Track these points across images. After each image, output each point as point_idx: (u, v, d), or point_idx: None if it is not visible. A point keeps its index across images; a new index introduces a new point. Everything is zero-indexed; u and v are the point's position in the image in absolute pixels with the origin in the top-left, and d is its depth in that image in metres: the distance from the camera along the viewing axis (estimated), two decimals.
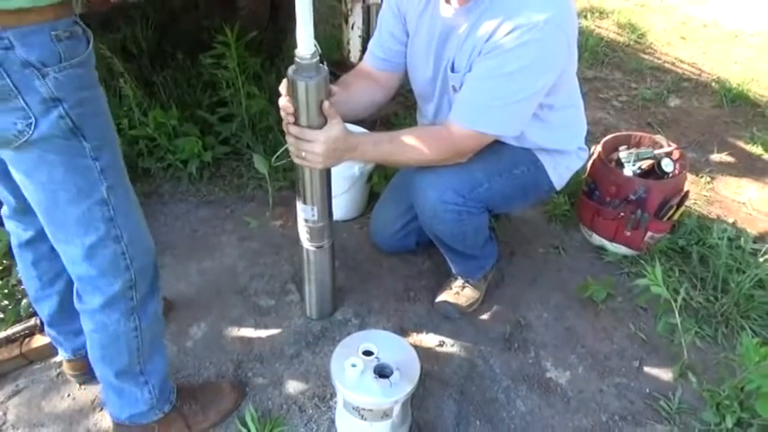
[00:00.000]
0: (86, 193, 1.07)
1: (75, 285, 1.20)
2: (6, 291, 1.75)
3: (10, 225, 1.34)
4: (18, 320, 1.70)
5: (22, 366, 1.63)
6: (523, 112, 1.39)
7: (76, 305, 1.23)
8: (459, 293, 1.78)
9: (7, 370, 1.62)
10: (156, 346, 1.33)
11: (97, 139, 1.05)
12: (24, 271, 1.40)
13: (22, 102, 0.94)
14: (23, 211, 1.23)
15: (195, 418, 1.44)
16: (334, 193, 1.54)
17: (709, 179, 2.47)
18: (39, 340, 1.65)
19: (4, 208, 1.31)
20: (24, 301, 1.74)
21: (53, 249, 1.19)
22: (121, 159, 1.15)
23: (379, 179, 2.14)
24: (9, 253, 1.71)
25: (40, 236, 1.24)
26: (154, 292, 1.28)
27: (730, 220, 2.24)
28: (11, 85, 0.92)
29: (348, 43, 2.41)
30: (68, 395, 1.57)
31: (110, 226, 1.12)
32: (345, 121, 1.36)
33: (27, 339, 1.65)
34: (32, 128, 0.97)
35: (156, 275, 1.28)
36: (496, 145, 1.48)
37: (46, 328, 1.50)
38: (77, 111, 1.00)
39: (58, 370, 1.62)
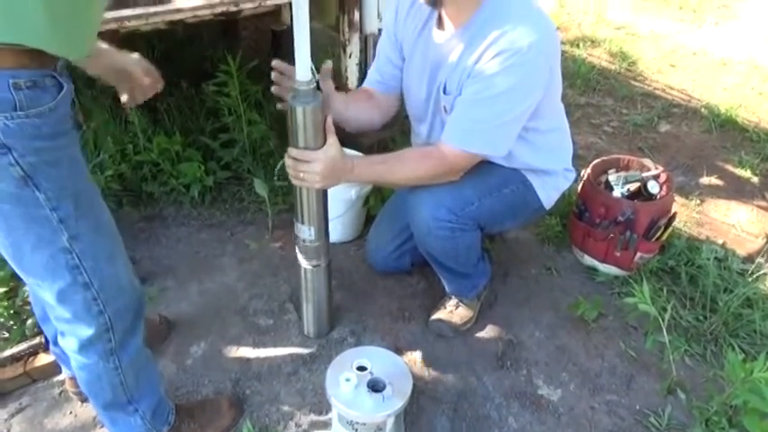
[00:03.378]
0: (47, 240, 1.06)
1: (57, 326, 1.21)
2: (12, 311, 1.80)
3: None
4: (23, 339, 1.74)
5: (25, 385, 1.67)
6: (509, 132, 1.46)
7: (60, 342, 1.24)
8: (452, 312, 1.83)
9: (11, 388, 1.66)
10: (142, 376, 1.32)
11: (53, 189, 1.02)
12: (31, 291, 1.45)
13: None
14: None
15: None
16: (330, 216, 1.60)
17: (698, 201, 2.52)
18: (42, 359, 1.69)
19: None
20: (30, 320, 1.78)
21: None
22: (92, 205, 1.13)
23: (376, 202, 2.20)
24: (15, 275, 1.78)
25: None
26: (135, 330, 1.26)
27: (719, 242, 2.29)
28: None
29: (346, 71, 2.49)
30: (70, 413, 1.60)
31: (75, 273, 1.10)
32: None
33: (31, 358, 1.70)
34: None
35: (138, 314, 1.26)
36: (487, 165, 1.55)
37: (51, 346, 1.54)
38: (29, 159, 0.97)
39: (61, 388, 1.66)
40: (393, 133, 2.71)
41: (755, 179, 2.68)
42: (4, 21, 0.88)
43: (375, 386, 1.35)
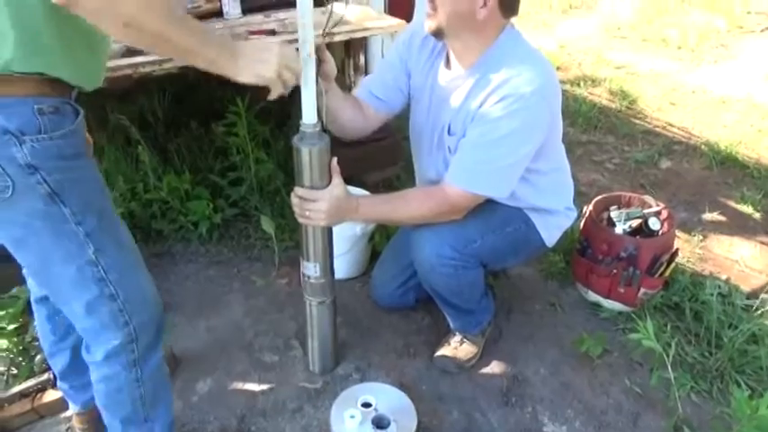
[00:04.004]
0: (74, 254, 1.12)
1: (83, 338, 1.27)
2: (22, 347, 1.82)
3: (29, 281, 1.43)
4: (31, 376, 1.76)
5: (33, 421, 1.69)
6: (512, 174, 1.50)
7: (84, 356, 1.29)
8: (457, 348, 1.84)
9: (19, 424, 1.68)
10: (159, 394, 1.37)
11: (79, 205, 1.10)
12: (40, 326, 1.48)
13: None
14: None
15: None
16: (336, 253, 1.63)
17: (701, 237, 2.54)
18: (50, 395, 1.71)
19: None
20: (38, 357, 1.80)
21: None
22: (114, 222, 1.20)
23: (381, 239, 2.23)
24: (27, 311, 1.81)
25: None
26: (157, 344, 1.32)
27: (723, 277, 2.29)
28: None
29: None
30: None
31: (102, 285, 1.16)
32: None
33: (39, 394, 1.71)
34: (10, 190, 1.03)
35: (160, 328, 1.31)
36: (490, 204, 1.58)
37: (58, 381, 1.56)
38: (55, 177, 1.06)
39: (68, 425, 1.67)
40: (397, 171, 2.77)
41: (758, 215, 2.70)
42: (25, 53, 0.98)
43: (380, 423, 1.36)
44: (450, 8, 1.39)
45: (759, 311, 2.04)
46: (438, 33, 1.46)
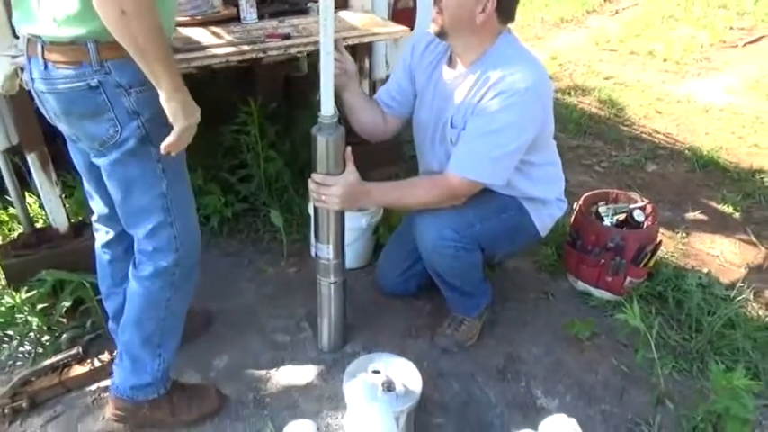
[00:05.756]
0: (151, 185, 1.38)
1: (135, 257, 1.50)
2: (48, 326, 1.94)
3: (97, 228, 1.67)
4: (57, 353, 1.87)
5: (60, 394, 1.79)
6: (508, 164, 1.65)
7: (131, 272, 1.52)
8: (457, 330, 1.97)
9: (47, 397, 1.79)
10: (175, 326, 1.60)
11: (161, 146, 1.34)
12: (101, 270, 1.72)
13: (112, 113, 1.28)
14: (108, 217, 1.56)
15: (180, 408, 1.66)
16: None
17: (684, 235, 2.70)
18: (76, 370, 1.82)
19: (95, 215, 1.64)
20: (64, 335, 1.93)
21: (126, 252, 1.54)
22: (183, 164, 1.45)
23: (385, 231, 2.37)
24: (55, 290, 1.93)
25: (118, 239, 1.58)
26: (190, 276, 1.56)
27: (704, 270, 2.45)
28: (106, 99, 1.26)
29: None
30: (102, 418, 1.72)
31: (166, 214, 1.42)
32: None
33: (66, 369, 1.83)
34: (119, 134, 1.29)
35: (195, 264, 1.55)
36: (488, 193, 1.73)
37: (109, 321, 1.79)
38: (150, 123, 1.31)
39: (93, 397, 1.79)
40: (398, 170, 2.91)
41: (737, 215, 2.87)
42: None
43: (389, 386, 1.48)
44: (452, 12, 1.57)
45: (736, 299, 2.19)
46: (442, 34, 1.63)
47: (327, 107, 1.51)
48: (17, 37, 1.56)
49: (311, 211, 1.78)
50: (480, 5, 1.53)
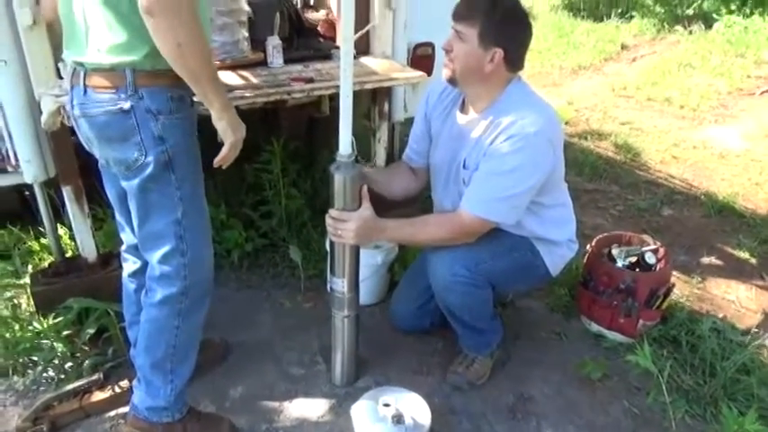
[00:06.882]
0: (167, 211, 1.45)
1: (147, 283, 1.56)
2: (72, 353, 2.01)
3: (126, 258, 1.76)
4: (79, 380, 1.93)
5: (80, 419, 1.85)
6: (518, 204, 1.71)
7: (142, 299, 1.58)
8: (468, 368, 1.99)
9: (67, 421, 1.84)
10: (188, 353, 1.64)
11: (182, 174, 1.44)
12: (126, 299, 1.79)
13: (139, 137, 1.37)
14: (136, 247, 1.62)
15: None
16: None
17: (700, 279, 2.70)
18: (97, 396, 1.88)
19: (124, 245, 1.73)
20: (87, 362, 1.99)
21: None
22: (200, 194, 1.52)
23: (399, 269, 2.43)
24: (77, 320, 2.01)
25: (144, 269, 1.62)
26: (201, 305, 1.61)
27: (719, 315, 2.45)
28: (135, 123, 1.35)
29: (375, 155, 2.80)
30: None
31: (179, 241, 1.48)
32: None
33: (87, 395, 1.89)
34: (143, 157, 1.38)
35: (206, 293, 1.61)
36: (500, 232, 1.79)
37: (131, 349, 1.81)
38: (173, 149, 1.40)
39: (111, 423, 1.83)
40: (413, 211, 2.98)
41: (753, 260, 2.86)
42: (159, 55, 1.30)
43: (398, 419, 1.51)
44: (462, 61, 1.66)
45: (751, 345, 2.18)
46: (453, 81, 1.72)
47: (345, 147, 1.60)
48: (61, 77, 1.69)
49: (328, 247, 1.85)
50: (489, 55, 1.62)
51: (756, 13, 6.97)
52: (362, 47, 2.48)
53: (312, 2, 2.97)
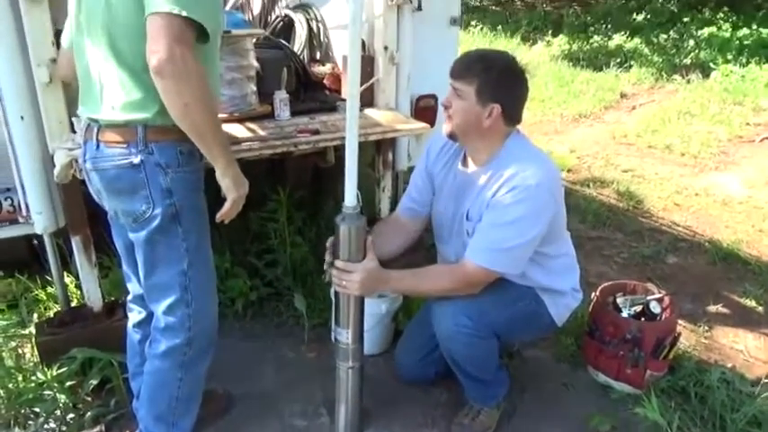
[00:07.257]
0: (173, 263, 1.49)
1: (151, 334, 1.57)
2: (74, 404, 1.99)
3: (131, 309, 1.77)
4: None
5: None
6: (521, 254, 1.72)
7: (146, 350, 1.58)
8: (474, 420, 1.97)
9: None
10: (190, 406, 1.64)
11: (188, 226, 1.47)
12: (130, 349, 1.79)
13: (147, 190, 1.41)
14: (142, 297, 1.64)
15: None
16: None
17: (707, 328, 2.67)
18: None
19: (130, 295, 1.75)
20: (89, 414, 1.97)
21: None
22: (207, 246, 1.55)
23: (404, 318, 2.42)
24: (80, 370, 2.00)
25: (149, 319, 1.64)
26: (204, 357, 1.62)
27: (728, 365, 2.41)
28: (144, 177, 1.40)
29: (379, 203, 2.84)
30: None
31: (184, 292, 1.51)
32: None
33: None
34: (151, 210, 1.41)
35: (210, 344, 1.62)
36: (504, 282, 1.79)
37: (134, 400, 1.81)
38: (181, 203, 1.44)
39: None
40: (418, 259, 2.99)
41: (760, 309, 2.84)
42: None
43: None
44: (461, 117, 1.72)
45: (761, 396, 2.15)
46: (453, 136, 1.77)
47: (351, 198, 1.63)
48: (74, 131, 1.75)
49: (333, 296, 1.85)
50: (487, 111, 1.67)
51: (753, 62, 7.12)
52: (367, 99, 2.55)
53: (318, 56, 3.06)
